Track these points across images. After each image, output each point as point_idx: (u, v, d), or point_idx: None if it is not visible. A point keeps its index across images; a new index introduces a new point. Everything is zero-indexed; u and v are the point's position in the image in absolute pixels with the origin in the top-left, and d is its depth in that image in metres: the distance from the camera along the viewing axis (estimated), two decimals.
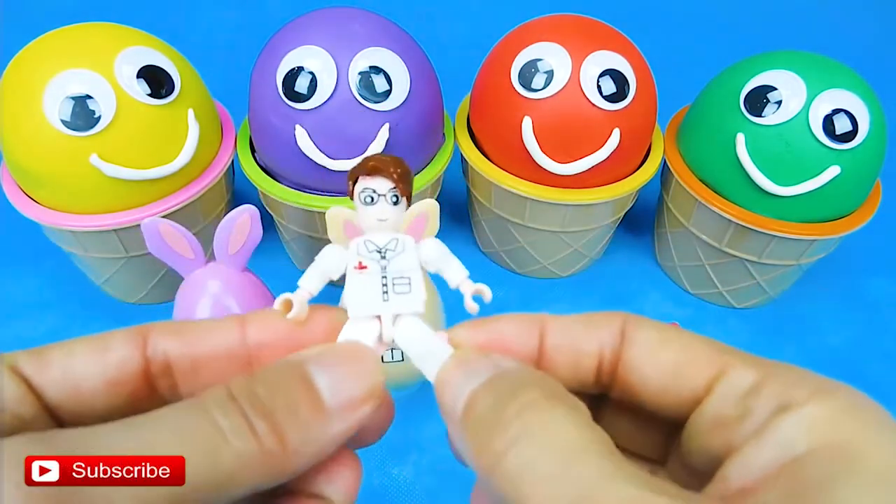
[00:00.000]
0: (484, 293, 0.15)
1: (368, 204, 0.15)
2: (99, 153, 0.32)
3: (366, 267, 0.15)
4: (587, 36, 0.36)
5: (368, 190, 0.15)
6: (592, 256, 0.45)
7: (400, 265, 0.15)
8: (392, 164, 0.15)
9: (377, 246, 0.15)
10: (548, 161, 0.37)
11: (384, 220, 0.15)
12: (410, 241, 0.15)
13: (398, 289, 0.15)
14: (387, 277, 0.15)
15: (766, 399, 0.12)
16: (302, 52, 0.33)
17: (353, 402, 0.13)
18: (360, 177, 0.15)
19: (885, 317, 0.44)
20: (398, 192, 0.15)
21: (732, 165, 0.37)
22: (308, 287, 0.15)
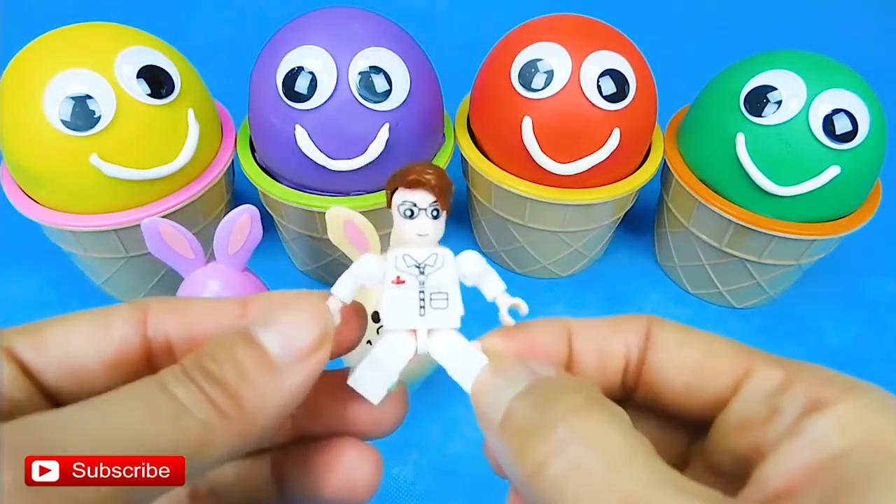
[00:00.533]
0: (520, 307, 0.15)
1: (408, 218, 0.14)
2: (99, 153, 0.32)
3: (404, 282, 0.14)
4: (587, 36, 0.36)
5: (408, 203, 0.14)
6: (592, 256, 0.45)
7: (438, 281, 0.15)
8: (434, 178, 0.14)
9: (416, 261, 0.15)
10: (548, 161, 0.37)
11: (424, 234, 0.14)
12: (450, 255, 0.15)
13: (435, 304, 0.14)
14: (424, 293, 0.14)
15: (795, 398, 0.12)
16: (302, 52, 0.33)
17: (302, 352, 0.13)
18: (399, 188, 0.14)
19: (885, 317, 0.44)
20: (439, 207, 0.14)
21: (732, 165, 0.37)
22: (340, 295, 0.14)
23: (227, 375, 0.12)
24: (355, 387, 0.14)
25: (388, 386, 0.14)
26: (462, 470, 0.35)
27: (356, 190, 0.37)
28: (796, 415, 0.12)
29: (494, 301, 0.15)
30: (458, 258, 0.15)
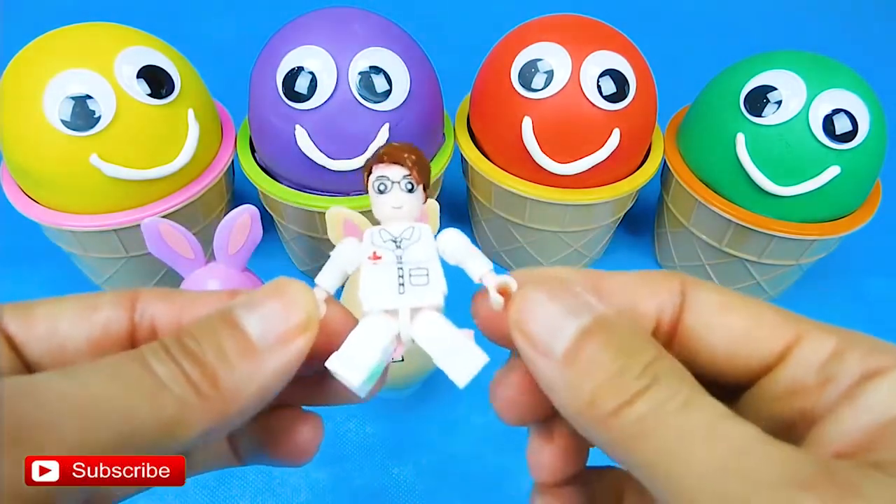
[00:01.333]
0: (510, 285, 0.14)
1: (382, 192, 0.14)
2: (99, 153, 0.32)
3: (380, 257, 0.14)
4: (587, 36, 0.36)
5: (383, 178, 0.14)
6: (592, 256, 0.45)
7: (417, 255, 0.14)
8: (405, 151, 0.14)
9: (392, 235, 0.14)
10: (548, 161, 0.37)
11: (399, 207, 0.14)
12: (427, 229, 0.14)
13: (415, 280, 0.14)
14: (402, 268, 0.14)
15: (849, 366, 0.12)
16: (302, 52, 0.33)
17: (283, 337, 0.13)
18: (373, 166, 0.14)
19: (886, 317, 0.44)
20: (413, 180, 0.14)
21: (732, 165, 0.37)
22: (324, 285, 0.14)
23: (207, 355, 0.12)
24: (334, 369, 0.13)
25: (370, 370, 0.13)
26: (462, 470, 0.35)
27: (356, 190, 0.37)
28: (852, 381, 0.12)
29: (481, 281, 0.14)
30: (440, 235, 0.14)
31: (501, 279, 0.14)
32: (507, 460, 0.35)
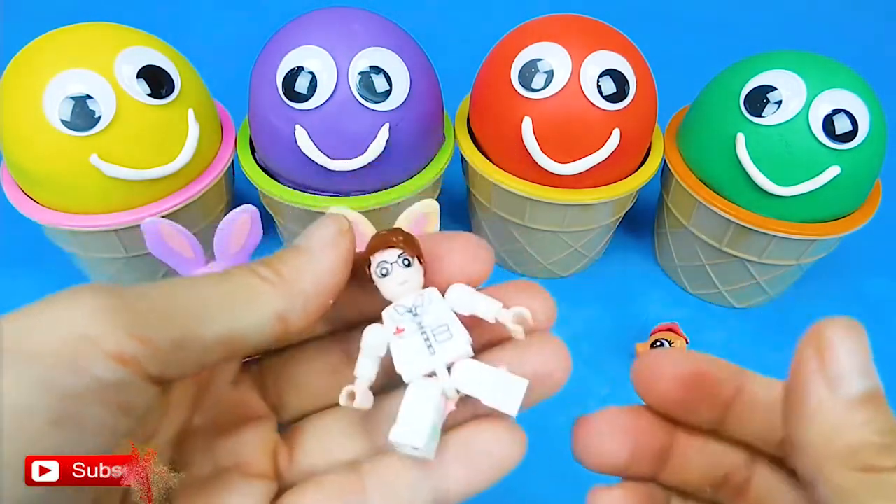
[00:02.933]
0: (525, 315, 0.15)
1: (386, 276, 0.15)
2: (99, 153, 0.32)
3: (403, 329, 0.15)
4: (587, 36, 0.36)
5: (381, 263, 0.15)
6: (592, 256, 0.45)
7: (434, 316, 0.15)
8: (392, 235, 0.16)
9: (406, 307, 0.16)
10: (548, 161, 0.37)
11: (404, 282, 0.15)
12: (436, 291, 0.16)
13: (440, 338, 0.15)
14: (426, 332, 0.15)
15: None
16: (302, 52, 0.33)
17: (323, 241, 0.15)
18: (370, 257, 0.16)
19: (885, 317, 0.44)
20: (407, 255, 0.15)
21: (732, 165, 0.37)
22: (364, 374, 0.15)
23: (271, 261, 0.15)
24: (397, 440, 0.15)
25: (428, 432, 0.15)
26: None
27: (356, 190, 0.37)
28: None
29: (497, 321, 0.15)
30: (447, 293, 0.16)
31: (516, 311, 0.15)
32: None
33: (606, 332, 0.42)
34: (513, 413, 0.15)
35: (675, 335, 0.38)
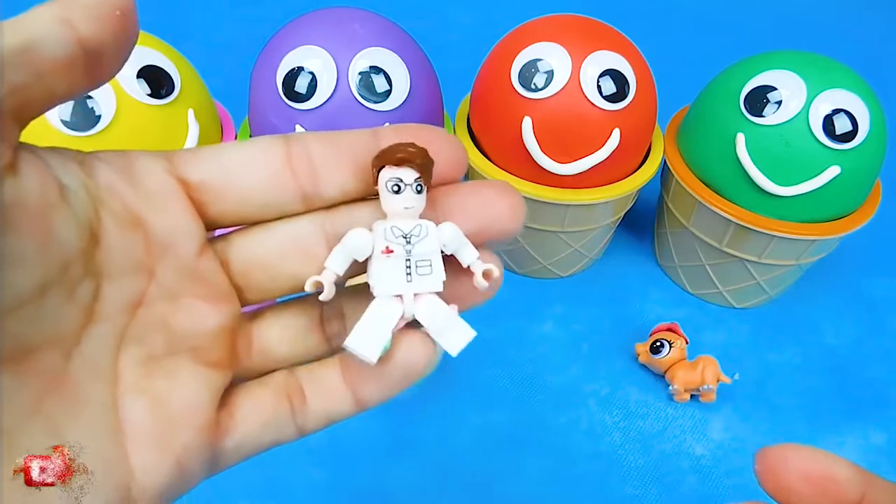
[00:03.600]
0: (493, 271, 0.16)
1: (395, 193, 0.15)
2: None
3: (392, 251, 0.16)
4: (587, 36, 0.36)
5: (395, 179, 0.15)
6: (592, 256, 0.45)
7: (422, 249, 0.16)
8: (418, 156, 0.15)
9: (403, 231, 0.16)
10: (548, 161, 0.37)
11: (410, 207, 0.16)
12: (432, 226, 0.16)
13: (420, 270, 0.16)
14: (410, 261, 0.16)
15: None
16: (302, 52, 0.33)
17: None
18: (386, 165, 0.16)
19: (885, 317, 0.44)
20: (422, 182, 0.16)
21: (732, 165, 0.37)
22: (334, 268, 0.16)
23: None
24: (352, 348, 0.16)
25: (383, 346, 0.16)
26: (462, 470, 0.35)
27: None
28: None
29: (470, 266, 0.16)
30: (440, 228, 0.16)
31: (487, 266, 0.16)
32: (508, 460, 0.35)
33: (606, 332, 0.42)
34: (453, 353, 0.16)
35: (675, 335, 0.38)
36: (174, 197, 0.15)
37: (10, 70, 0.12)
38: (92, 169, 0.14)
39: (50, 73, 0.13)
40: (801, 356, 0.41)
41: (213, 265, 0.16)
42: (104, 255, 0.14)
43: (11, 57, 0.12)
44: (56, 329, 0.13)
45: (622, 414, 0.38)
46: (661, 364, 0.38)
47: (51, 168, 0.13)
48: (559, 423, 0.37)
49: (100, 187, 0.14)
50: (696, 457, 0.36)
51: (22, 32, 0.12)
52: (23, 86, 0.12)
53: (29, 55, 0.12)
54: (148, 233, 0.15)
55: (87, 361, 0.14)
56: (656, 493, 0.35)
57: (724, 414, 0.38)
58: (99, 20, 0.13)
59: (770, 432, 0.37)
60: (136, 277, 0.15)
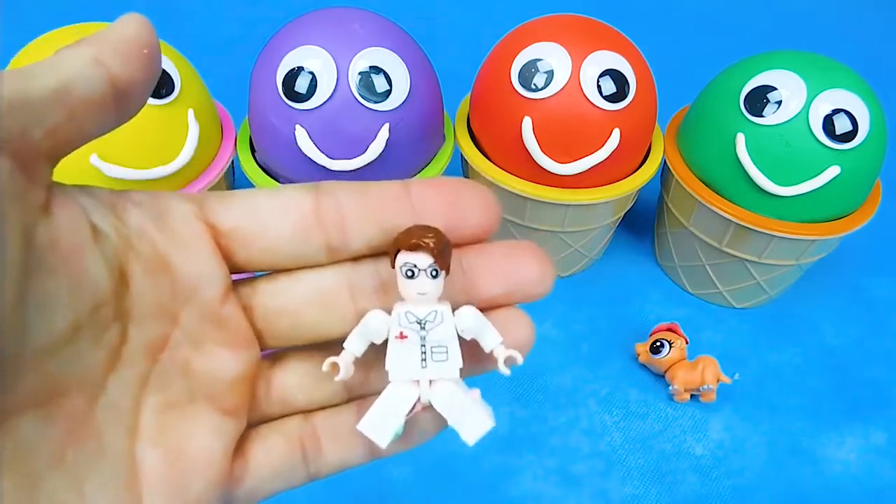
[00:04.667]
0: (517, 359, 0.16)
1: (409, 278, 0.15)
2: (99, 153, 0.32)
3: (406, 337, 0.16)
4: (587, 36, 0.36)
5: (409, 264, 0.15)
6: (592, 256, 0.45)
7: (438, 335, 0.16)
8: (433, 240, 0.15)
9: (417, 317, 0.16)
10: (548, 161, 0.37)
11: (424, 293, 0.16)
12: (448, 311, 0.16)
13: (436, 357, 0.16)
14: (425, 346, 0.16)
15: None
16: (302, 52, 0.33)
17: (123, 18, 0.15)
18: (401, 250, 0.16)
19: (885, 317, 0.44)
20: (437, 267, 0.15)
21: (732, 165, 0.37)
22: (352, 350, 0.16)
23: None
24: (365, 431, 0.16)
25: (395, 431, 0.16)
26: (462, 470, 0.35)
27: None
28: None
29: (492, 352, 0.16)
30: (457, 314, 0.16)
31: (511, 354, 0.16)
32: (507, 460, 0.35)
33: (606, 332, 0.42)
34: (469, 443, 0.16)
35: (675, 335, 0.38)
36: (202, 242, 0.15)
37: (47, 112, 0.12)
38: (123, 211, 0.14)
39: (82, 113, 0.13)
40: (801, 356, 0.41)
41: (236, 311, 0.16)
42: (132, 298, 0.14)
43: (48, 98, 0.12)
44: (84, 372, 0.13)
45: (622, 414, 0.38)
46: (661, 364, 0.38)
47: (84, 209, 0.14)
48: (559, 423, 0.37)
49: (130, 230, 0.14)
50: (696, 457, 0.36)
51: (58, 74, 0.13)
52: (57, 126, 0.13)
53: (64, 95, 0.13)
54: (174, 277, 0.15)
55: (111, 407, 0.14)
56: (656, 493, 0.35)
57: (724, 414, 0.38)
58: (128, 59, 0.14)
59: (770, 432, 0.37)
60: (161, 322, 0.15)
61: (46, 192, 0.13)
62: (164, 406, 0.15)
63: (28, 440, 0.12)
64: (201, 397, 0.15)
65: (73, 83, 0.13)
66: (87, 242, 0.13)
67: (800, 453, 0.37)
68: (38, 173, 0.13)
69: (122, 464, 0.14)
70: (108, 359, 0.14)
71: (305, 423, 0.17)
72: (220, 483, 0.15)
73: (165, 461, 0.14)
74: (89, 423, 0.13)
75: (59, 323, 0.12)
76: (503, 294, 0.16)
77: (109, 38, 0.14)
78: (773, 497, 0.35)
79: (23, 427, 0.12)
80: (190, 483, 0.15)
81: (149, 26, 0.14)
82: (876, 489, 0.35)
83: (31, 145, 0.12)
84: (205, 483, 0.15)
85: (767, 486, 0.35)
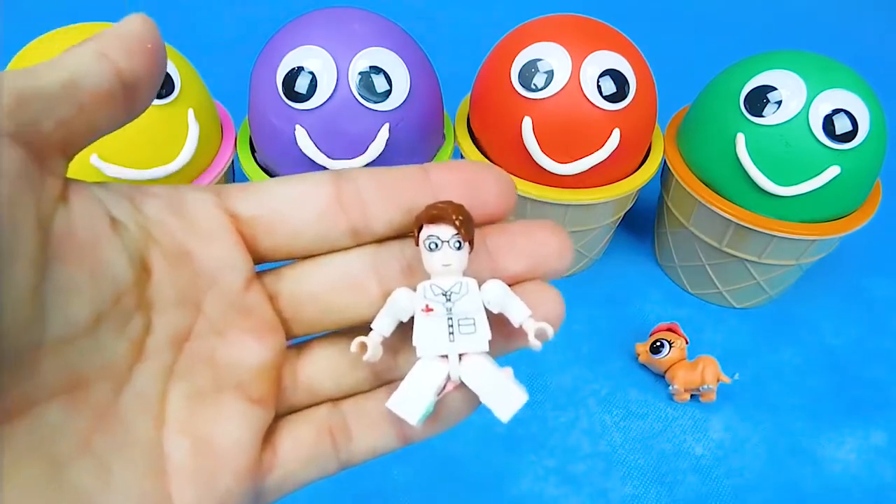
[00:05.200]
0: (547, 332, 0.16)
1: (433, 250, 0.15)
2: (99, 153, 0.32)
3: (432, 310, 0.16)
4: (587, 36, 0.36)
5: (433, 237, 0.15)
6: (592, 257, 0.45)
7: (465, 307, 0.16)
8: (454, 212, 0.15)
9: (442, 289, 0.16)
10: (548, 161, 0.37)
11: (448, 264, 0.15)
12: (474, 283, 0.16)
13: (464, 329, 0.16)
14: (452, 319, 0.16)
15: None
16: (302, 52, 0.33)
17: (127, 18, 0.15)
18: (424, 224, 0.16)
19: (885, 317, 0.44)
20: (461, 238, 0.15)
21: (732, 165, 0.37)
22: (380, 330, 0.16)
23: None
24: (394, 409, 0.16)
25: (426, 408, 0.16)
26: (462, 470, 0.35)
27: None
28: None
29: (521, 325, 0.16)
30: (483, 286, 0.16)
31: (540, 327, 0.15)
32: (508, 461, 0.35)
33: (606, 332, 0.42)
34: (504, 419, 0.16)
35: (675, 335, 0.38)
36: (223, 230, 0.15)
37: (56, 104, 0.12)
38: (142, 204, 0.14)
39: (92, 106, 0.13)
40: (801, 356, 0.41)
41: (260, 298, 0.16)
42: (154, 288, 0.14)
43: (56, 91, 0.12)
44: (109, 362, 0.13)
45: (622, 414, 0.38)
46: (661, 364, 0.38)
47: (101, 201, 0.14)
48: (559, 423, 0.37)
49: (149, 221, 0.14)
50: (696, 457, 0.36)
51: (65, 68, 0.13)
52: (68, 119, 0.13)
53: (73, 89, 0.13)
54: (196, 266, 0.15)
55: (137, 397, 0.14)
56: (656, 493, 0.35)
57: (724, 414, 0.38)
58: (133, 53, 0.14)
59: (770, 432, 0.37)
60: (185, 311, 0.15)
61: (62, 183, 0.13)
62: (191, 395, 0.15)
63: (54, 428, 0.12)
64: (228, 386, 0.15)
65: (81, 77, 0.13)
66: (106, 232, 0.13)
67: (800, 453, 0.37)
68: (52, 164, 0.13)
69: (150, 452, 0.14)
70: (133, 348, 0.14)
71: (334, 411, 0.17)
72: (250, 474, 0.15)
73: (193, 451, 0.14)
74: (116, 412, 0.13)
75: (80, 312, 0.12)
76: (526, 270, 0.16)
77: (114, 34, 0.14)
78: (773, 497, 0.35)
79: (48, 415, 0.12)
80: (219, 473, 0.15)
81: (152, 24, 0.14)
82: (876, 489, 0.35)
83: (43, 137, 0.12)
84: (234, 473, 0.15)
85: (767, 486, 0.35)
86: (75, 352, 0.12)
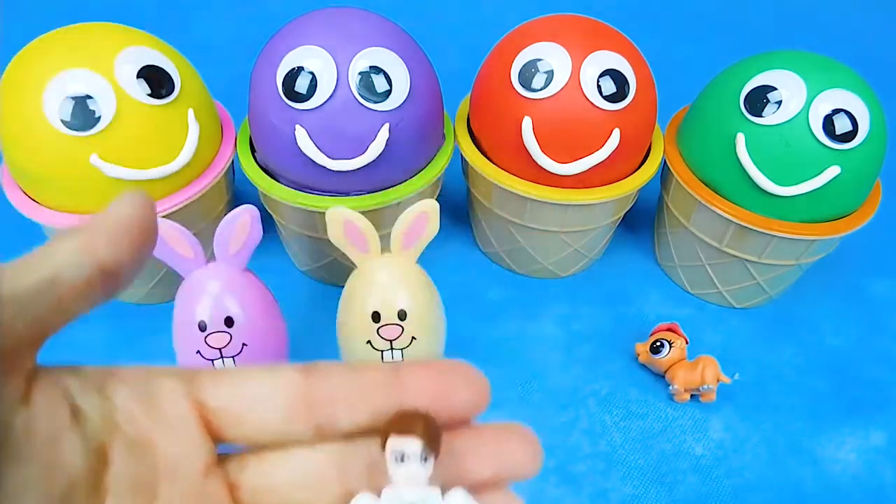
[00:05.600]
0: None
1: (399, 462, 0.16)
2: (99, 153, 0.32)
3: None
4: (587, 36, 0.36)
5: (399, 450, 0.15)
6: (592, 256, 0.45)
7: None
8: (422, 426, 0.15)
9: (406, 502, 0.16)
10: (548, 161, 0.37)
11: (414, 477, 0.16)
12: (438, 496, 0.16)
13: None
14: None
15: None
16: (302, 52, 0.33)
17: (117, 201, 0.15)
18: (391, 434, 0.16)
19: (885, 317, 0.44)
20: (427, 452, 0.15)
21: (732, 165, 0.37)
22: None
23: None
24: None
25: None
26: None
27: (356, 190, 0.37)
28: None
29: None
30: (447, 495, 0.16)
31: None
32: None
33: (606, 332, 0.42)
34: None
35: (675, 335, 0.38)
36: (188, 423, 0.15)
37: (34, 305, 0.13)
38: (112, 392, 0.14)
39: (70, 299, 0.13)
40: (801, 356, 0.41)
41: (219, 487, 0.16)
42: (111, 477, 0.14)
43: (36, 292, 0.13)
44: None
45: (622, 414, 0.38)
46: (661, 364, 0.38)
47: (67, 393, 0.14)
48: (559, 423, 0.37)
49: (116, 409, 0.14)
50: (696, 457, 0.36)
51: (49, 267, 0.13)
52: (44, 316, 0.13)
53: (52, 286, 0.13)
54: (157, 456, 0.15)
55: None
56: (656, 493, 0.35)
57: (724, 414, 0.38)
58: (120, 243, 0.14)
59: (770, 432, 0.37)
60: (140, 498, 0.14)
61: (26, 382, 0.13)
62: None
63: None
64: None
65: (61, 273, 0.13)
66: (65, 427, 0.13)
67: (800, 453, 0.37)
68: (18, 364, 0.13)
69: None
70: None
71: None
72: None
73: None
74: None
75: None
76: (493, 476, 0.16)
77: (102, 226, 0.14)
78: (773, 497, 0.35)
79: None
80: None
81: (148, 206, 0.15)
82: (876, 489, 0.35)
83: (15, 337, 0.12)
84: None
85: (767, 486, 0.35)
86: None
